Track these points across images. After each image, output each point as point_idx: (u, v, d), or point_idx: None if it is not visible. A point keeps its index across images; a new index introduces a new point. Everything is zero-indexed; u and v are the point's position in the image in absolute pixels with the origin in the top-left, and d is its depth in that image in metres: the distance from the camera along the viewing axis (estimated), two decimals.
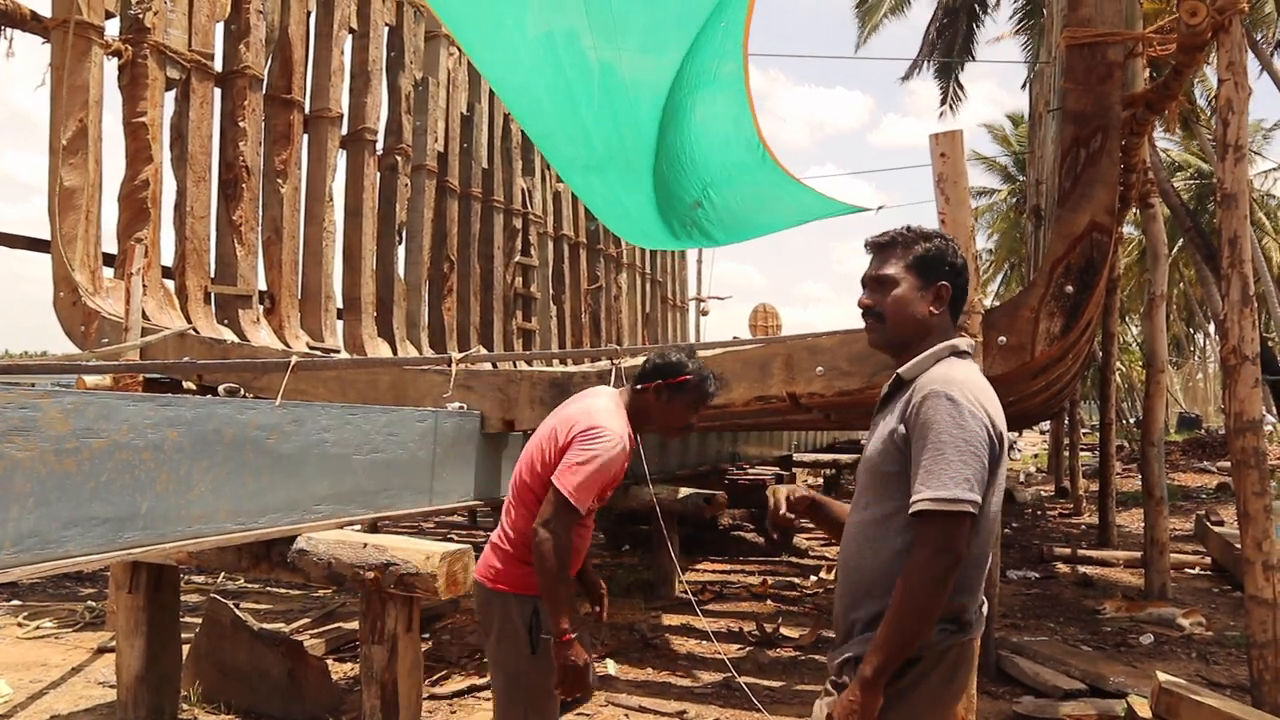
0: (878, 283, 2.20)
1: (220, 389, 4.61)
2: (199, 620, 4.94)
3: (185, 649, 4.71)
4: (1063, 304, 4.01)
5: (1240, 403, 4.32)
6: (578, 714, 4.67)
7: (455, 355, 4.96)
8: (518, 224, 12.04)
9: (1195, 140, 21.99)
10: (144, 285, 6.60)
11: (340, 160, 8.97)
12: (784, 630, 6.20)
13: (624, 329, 15.19)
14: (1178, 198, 15.63)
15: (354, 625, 5.81)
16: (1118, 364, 14.13)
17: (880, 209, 10.67)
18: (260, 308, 8.00)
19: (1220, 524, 10.29)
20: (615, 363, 4.83)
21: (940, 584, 1.90)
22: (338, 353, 8.44)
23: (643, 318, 16.41)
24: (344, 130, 9.03)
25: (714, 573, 8.75)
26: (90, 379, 5.17)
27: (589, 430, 2.81)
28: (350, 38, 9.17)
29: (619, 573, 8.27)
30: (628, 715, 4.68)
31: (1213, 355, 44.33)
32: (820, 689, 2.11)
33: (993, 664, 5.39)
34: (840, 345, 4.45)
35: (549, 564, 2.68)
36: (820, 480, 15.06)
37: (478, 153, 11.15)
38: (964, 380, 2.02)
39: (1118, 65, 4.08)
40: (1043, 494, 16.71)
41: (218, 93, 7.70)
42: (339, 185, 8.96)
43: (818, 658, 5.69)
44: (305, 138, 8.60)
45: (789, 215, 8.27)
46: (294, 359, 4.30)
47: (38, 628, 6.14)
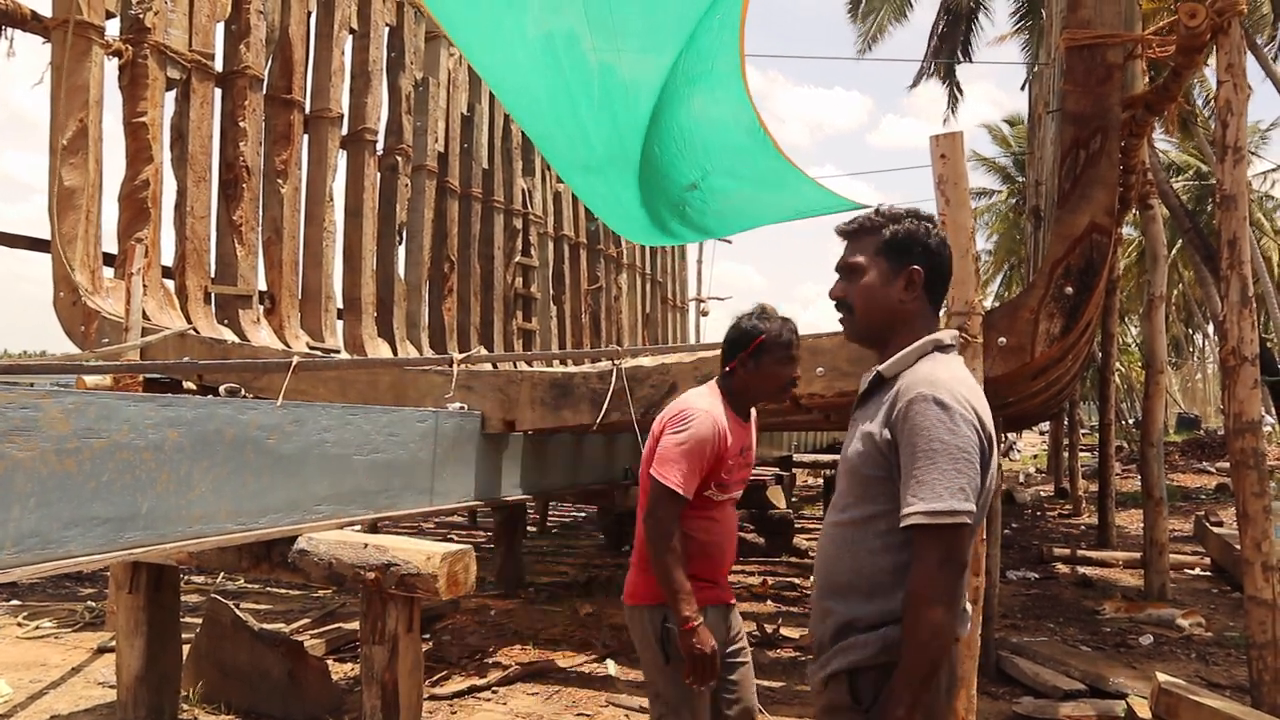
0: (848, 271, 2.12)
1: (221, 389, 4.61)
2: (199, 620, 4.94)
3: (185, 649, 4.71)
4: (1062, 305, 4.02)
5: (1239, 404, 4.33)
6: (578, 715, 4.67)
7: (457, 356, 4.97)
8: (518, 224, 12.04)
9: (1194, 141, 22.00)
10: (144, 285, 6.60)
11: (340, 160, 8.98)
12: (784, 631, 6.21)
13: (624, 329, 15.19)
14: (1177, 199, 15.62)
15: (354, 625, 5.81)
16: (1117, 365, 14.12)
17: (855, 217, 10.65)
18: (260, 308, 8.00)
19: (1219, 525, 10.30)
20: (616, 363, 4.84)
21: (951, 598, 1.82)
22: (338, 353, 8.44)
23: (643, 318, 16.41)
24: (344, 130, 9.03)
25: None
26: (90, 379, 5.17)
27: (675, 417, 2.81)
28: (351, 38, 9.17)
29: (619, 573, 8.27)
30: (629, 716, 4.68)
31: (1212, 356, 44.33)
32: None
33: (992, 664, 5.39)
34: (840, 346, 4.46)
35: (657, 553, 2.68)
36: (820, 480, 15.06)
37: (478, 153, 11.16)
38: (951, 380, 1.92)
39: (1117, 67, 4.09)
40: (1042, 494, 16.72)
41: (218, 93, 7.71)
42: (339, 185, 8.98)
43: None
44: (305, 138, 8.61)
45: (787, 206, 8.23)
46: (295, 359, 4.30)
47: (37, 628, 6.14)
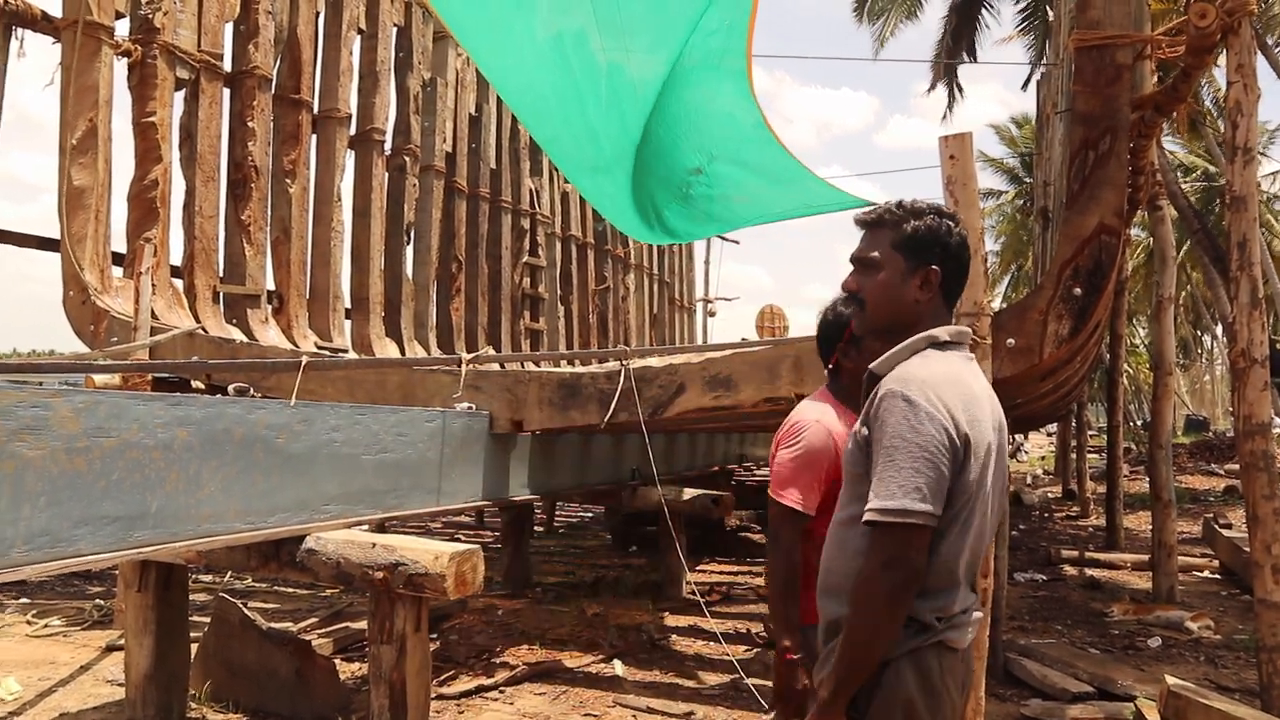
0: (863, 265, 2.07)
1: (229, 388, 4.63)
2: (207, 619, 4.95)
3: (194, 648, 4.72)
4: (1071, 306, 4.00)
5: (1249, 405, 4.31)
6: (585, 715, 4.67)
7: (465, 356, 4.97)
8: (525, 224, 12.05)
9: (1202, 142, 21.95)
10: (153, 284, 6.63)
11: (348, 160, 9.00)
12: None
13: (631, 330, 15.19)
14: (1186, 200, 15.59)
15: (362, 625, 5.82)
16: (1125, 366, 14.09)
17: (876, 206, 10.62)
18: (269, 307, 8.02)
19: (1228, 527, 10.25)
20: (624, 363, 4.84)
21: (891, 600, 1.81)
22: (345, 352, 8.46)
23: (650, 318, 16.41)
24: (352, 130, 9.05)
25: (721, 574, 8.74)
26: (100, 378, 5.19)
27: (787, 431, 2.67)
28: (359, 38, 9.19)
29: (626, 574, 8.28)
30: (635, 716, 4.68)
31: (1220, 357, 44.21)
32: None
33: (1000, 666, 5.38)
34: None
35: (773, 576, 2.54)
36: None
37: (486, 153, 11.17)
38: (927, 378, 1.87)
39: (1126, 67, 4.08)
40: (1050, 496, 16.68)
41: (227, 93, 7.73)
42: (347, 185, 8.99)
43: None
44: (314, 138, 8.62)
45: (795, 200, 8.20)
46: (304, 359, 4.31)
47: (46, 626, 6.16)
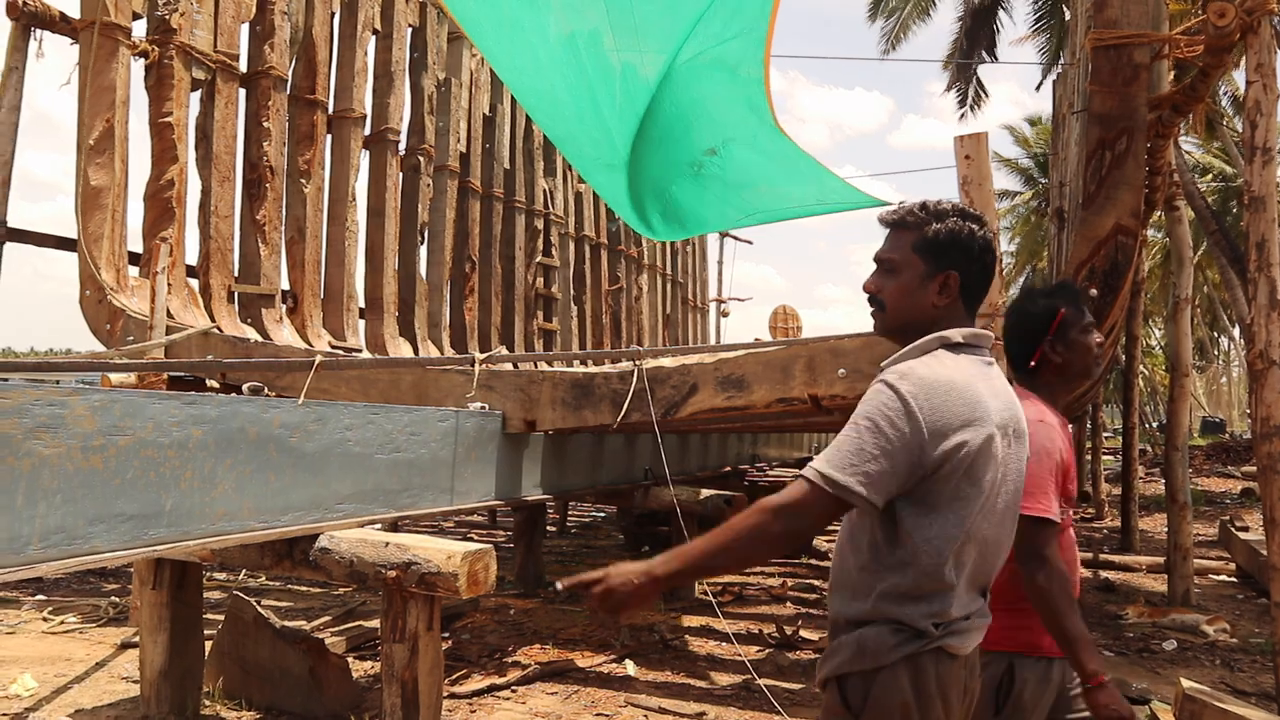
0: (883, 266, 2.04)
1: (244, 387, 4.64)
2: (221, 617, 4.97)
3: (208, 645, 4.75)
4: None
5: (1267, 407, 4.28)
6: (597, 715, 4.67)
7: (478, 355, 4.98)
8: (539, 224, 12.06)
9: (1218, 142, 21.81)
10: (169, 284, 6.66)
11: (363, 160, 9.03)
12: (803, 633, 6.19)
13: (644, 330, 15.18)
14: (1203, 200, 15.50)
15: (374, 624, 5.84)
16: (1141, 368, 14.01)
17: (901, 204, 10.57)
18: (283, 307, 8.05)
19: (1245, 530, 10.19)
20: (637, 364, 4.83)
21: (766, 538, 1.81)
22: (359, 352, 8.48)
23: (663, 319, 16.40)
24: (367, 130, 9.08)
25: (733, 575, 8.73)
26: (115, 377, 5.22)
27: None
28: (374, 39, 9.22)
29: None
30: (647, 716, 4.67)
31: (1237, 359, 43.95)
32: None
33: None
34: (863, 348, 4.44)
35: (1048, 601, 2.25)
36: None
37: (500, 153, 11.19)
38: (926, 376, 1.84)
39: (1144, 67, 4.05)
40: None
41: (242, 93, 7.77)
42: (362, 185, 9.03)
43: None
44: (329, 138, 8.65)
45: (809, 195, 8.18)
46: (318, 358, 4.32)
47: (62, 623, 6.20)
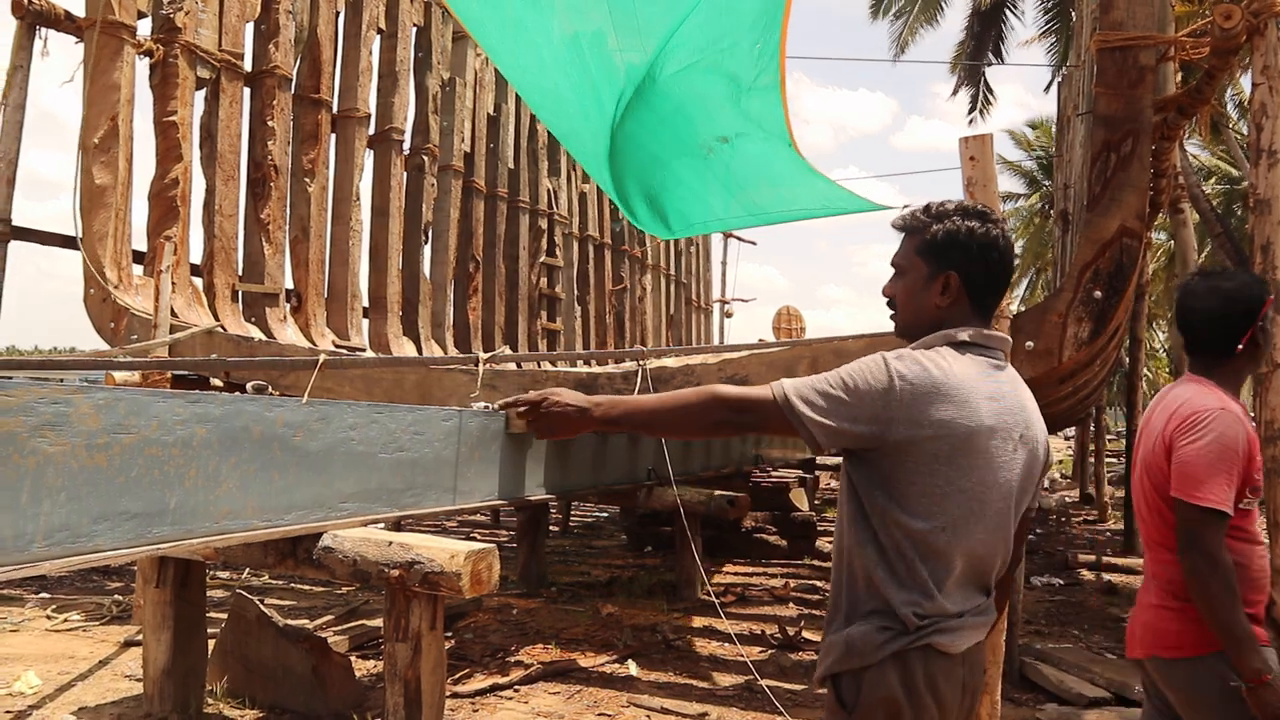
0: (895, 270, 2.09)
1: (248, 386, 4.64)
2: (224, 615, 4.97)
3: (211, 644, 4.75)
4: (1091, 309, 3.98)
5: (1271, 410, 4.27)
6: (600, 715, 4.67)
7: (482, 355, 4.98)
8: (543, 224, 12.07)
9: (1222, 144, 21.77)
10: (173, 283, 6.66)
11: (367, 160, 9.04)
12: (806, 633, 6.19)
13: (648, 330, 15.19)
14: (1208, 203, 15.46)
15: (377, 623, 5.84)
16: (1145, 370, 13.99)
17: (906, 208, 10.57)
18: (287, 306, 8.06)
19: None
20: (641, 364, 4.83)
21: (703, 417, 2.01)
22: (363, 351, 8.49)
23: (667, 319, 16.41)
24: (371, 130, 9.09)
25: (736, 575, 8.73)
26: (119, 375, 5.22)
27: (1185, 420, 2.36)
28: (378, 38, 9.23)
29: (641, 574, 8.27)
30: (649, 716, 4.68)
31: None
32: None
33: (1016, 671, 5.36)
34: (866, 349, 4.43)
35: (1209, 596, 2.21)
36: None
37: (504, 153, 11.20)
38: (921, 361, 1.86)
39: (1150, 69, 4.05)
40: (1067, 500, 16.59)
41: (247, 92, 7.77)
42: (366, 185, 9.04)
43: None
44: (333, 137, 8.66)
45: (812, 201, 8.17)
46: (322, 357, 4.33)
47: (65, 621, 6.21)
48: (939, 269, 2.00)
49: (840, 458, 1.99)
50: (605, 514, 13.24)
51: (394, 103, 9.29)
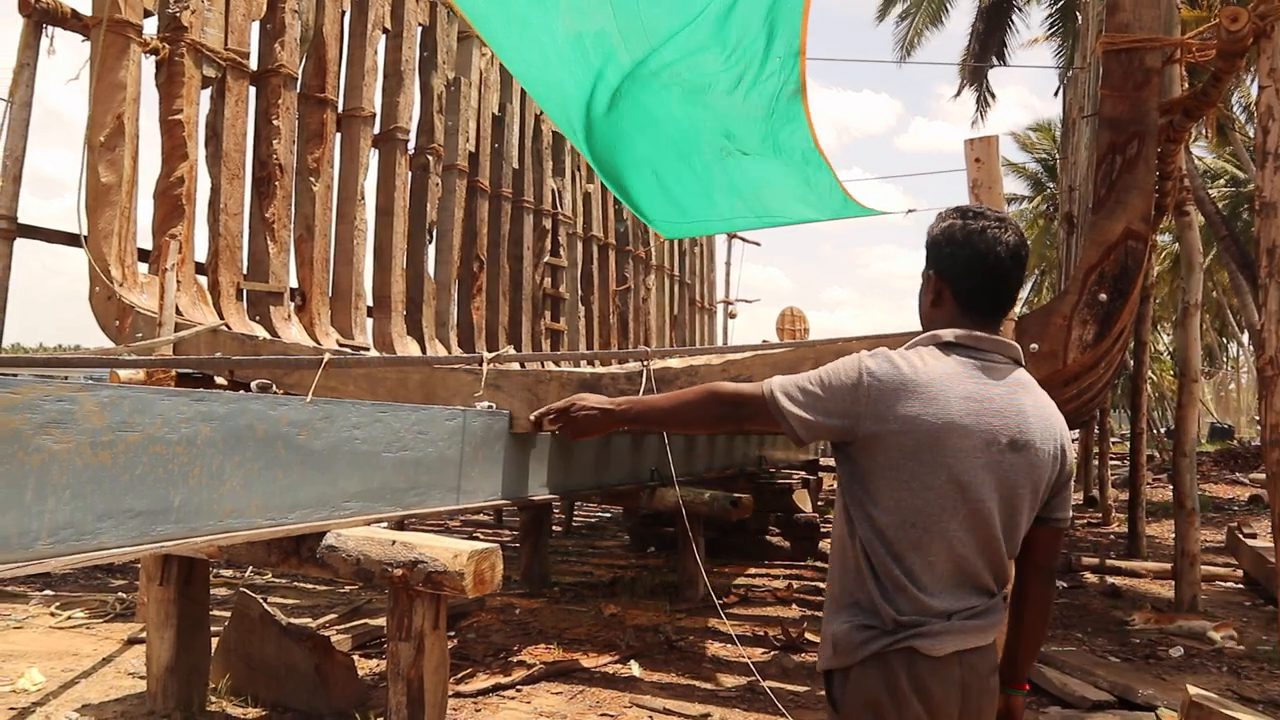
0: None
1: (252, 385, 4.64)
2: (228, 614, 4.98)
3: (214, 642, 4.76)
4: (1096, 312, 3.97)
5: (1276, 414, 4.25)
6: (602, 715, 4.67)
7: (486, 355, 4.98)
8: (547, 224, 12.07)
9: (1229, 147, 21.75)
10: (178, 281, 6.67)
11: (372, 159, 9.04)
12: (809, 635, 6.19)
13: (652, 330, 15.19)
14: (1213, 206, 15.44)
15: (380, 622, 5.85)
16: (1149, 373, 13.97)
17: (911, 211, 10.59)
18: (291, 305, 8.06)
19: (1253, 537, 10.15)
20: (645, 364, 4.83)
21: (705, 412, 2.08)
22: (367, 350, 8.50)
23: (671, 319, 16.41)
24: (376, 129, 9.09)
25: (739, 576, 8.73)
26: (124, 373, 5.23)
27: None
28: (384, 37, 9.23)
29: (644, 574, 8.27)
30: (652, 717, 4.67)
31: (1246, 365, 43.77)
32: None
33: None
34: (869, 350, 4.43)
35: None
36: None
37: (509, 153, 11.20)
38: (894, 359, 1.92)
39: (1156, 71, 4.04)
40: (1071, 503, 16.57)
41: (252, 91, 7.78)
42: (370, 184, 9.04)
43: None
44: (338, 136, 8.67)
45: (819, 203, 8.17)
46: (327, 356, 4.33)
47: (69, 618, 6.22)
48: (927, 270, 2.07)
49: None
50: (608, 514, 13.24)
51: (399, 102, 9.30)
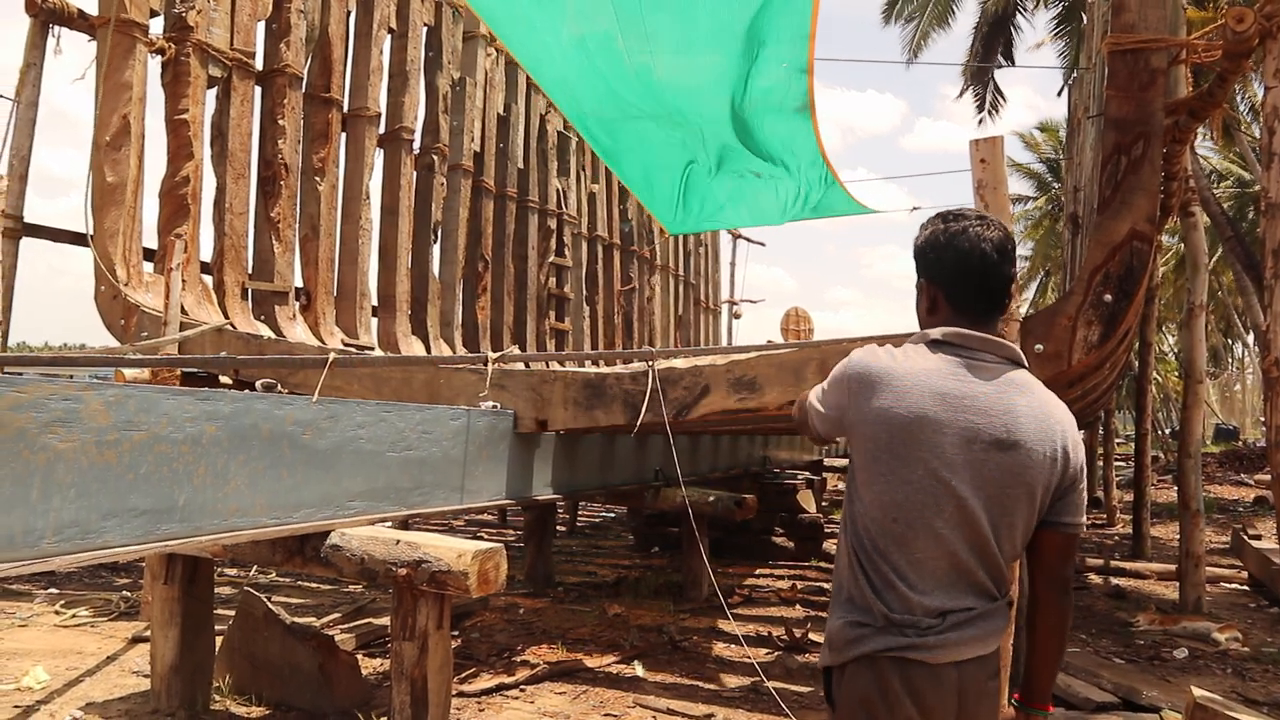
0: None
1: (257, 384, 4.65)
2: (232, 613, 4.99)
3: (218, 641, 4.77)
4: (1101, 312, 3.96)
5: None
6: (606, 715, 4.67)
7: (491, 355, 4.98)
8: (552, 224, 12.07)
9: (1234, 147, 21.69)
10: (183, 280, 6.68)
11: (377, 159, 9.04)
12: (813, 635, 6.18)
13: (657, 331, 15.19)
14: (1219, 206, 15.41)
15: (384, 621, 5.85)
16: (1154, 374, 13.93)
17: (915, 210, 10.59)
18: (297, 304, 8.07)
19: (1258, 538, 10.14)
20: (650, 364, 4.83)
21: (803, 417, 2.21)
22: (372, 350, 8.50)
23: (675, 320, 16.40)
24: (381, 129, 9.10)
25: (743, 576, 8.73)
26: (129, 372, 5.24)
27: None
28: (389, 37, 9.24)
29: (648, 575, 8.28)
30: (655, 717, 4.67)
31: (1251, 366, 43.69)
32: None
33: (1022, 675, 5.33)
34: None
35: None
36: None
37: (514, 153, 11.20)
38: (878, 354, 1.98)
39: (1161, 72, 4.03)
40: (1082, 508, 16.53)
41: (258, 91, 7.79)
42: (376, 184, 9.05)
43: None
44: (343, 136, 8.67)
45: (822, 202, 8.20)
46: (332, 356, 4.33)
47: (74, 616, 6.23)
48: (918, 278, 2.11)
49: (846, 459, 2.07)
50: (612, 514, 13.24)
51: (404, 102, 9.30)
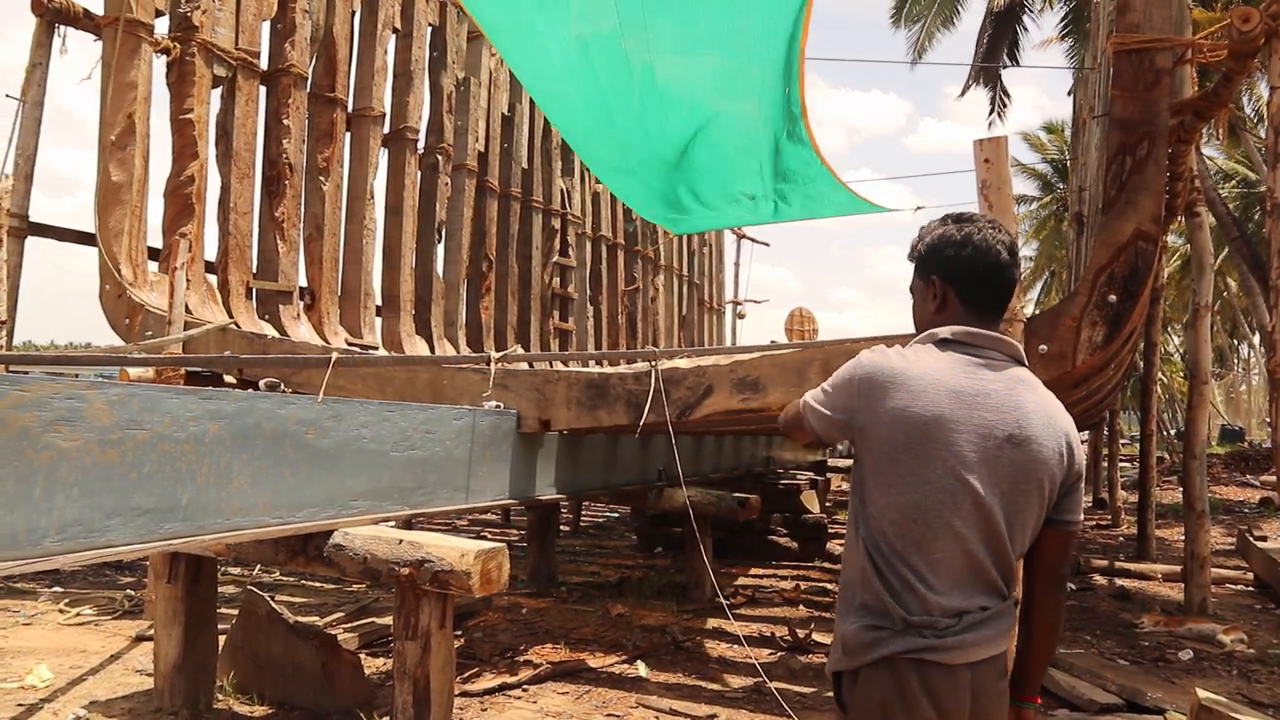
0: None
1: (261, 383, 4.66)
2: (235, 611, 4.99)
3: (221, 640, 4.77)
4: (1105, 313, 3.96)
5: None
6: (608, 715, 4.67)
7: (494, 354, 4.98)
8: (556, 224, 12.08)
9: (1240, 148, 21.64)
10: (187, 280, 6.69)
11: (382, 159, 9.05)
12: (816, 636, 6.17)
13: (660, 331, 15.19)
14: (1224, 207, 15.38)
15: (387, 620, 5.85)
16: (1159, 375, 13.90)
17: (919, 209, 10.58)
18: (301, 304, 8.08)
19: (1263, 539, 10.11)
20: (653, 364, 4.83)
21: (788, 418, 2.24)
22: (376, 349, 8.51)
23: (679, 320, 16.40)
24: (386, 129, 9.11)
25: (746, 576, 8.72)
26: (133, 371, 5.25)
27: None
28: (394, 37, 9.25)
29: (651, 575, 8.27)
30: (658, 717, 4.67)
31: (1257, 367, 43.58)
32: None
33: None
34: None
35: None
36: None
37: (518, 153, 11.21)
38: (889, 354, 1.98)
39: (1166, 72, 4.02)
40: (1082, 505, 16.52)
41: (263, 90, 7.80)
42: (380, 183, 9.05)
43: None
44: (348, 136, 8.68)
45: (824, 205, 8.19)
46: (335, 355, 4.34)
47: (78, 615, 6.24)
48: (925, 278, 2.10)
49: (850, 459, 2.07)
50: (616, 514, 13.24)
51: (409, 102, 9.31)
